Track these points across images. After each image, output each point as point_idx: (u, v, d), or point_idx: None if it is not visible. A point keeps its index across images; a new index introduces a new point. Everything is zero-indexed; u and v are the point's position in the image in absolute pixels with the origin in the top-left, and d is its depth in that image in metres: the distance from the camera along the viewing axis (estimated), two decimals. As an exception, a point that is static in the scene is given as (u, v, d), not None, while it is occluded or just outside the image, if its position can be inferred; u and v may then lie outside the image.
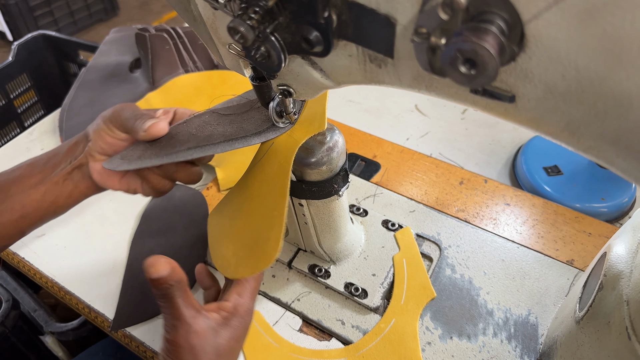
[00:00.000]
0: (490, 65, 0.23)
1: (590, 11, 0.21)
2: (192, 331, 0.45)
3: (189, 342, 0.44)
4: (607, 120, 0.25)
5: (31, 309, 0.81)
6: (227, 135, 0.51)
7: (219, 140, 0.50)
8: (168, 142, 0.53)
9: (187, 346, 0.44)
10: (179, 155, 0.50)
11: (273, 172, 0.50)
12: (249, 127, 0.50)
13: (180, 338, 0.44)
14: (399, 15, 0.27)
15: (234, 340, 0.47)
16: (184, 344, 0.44)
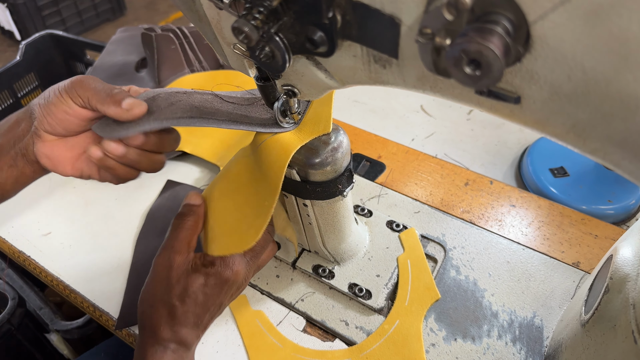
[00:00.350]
0: (495, 66, 0.23)
1: (596, 12, 0.21)
2: (169, 262, 0.50)
3: (164, 270, 0.50)
4: (613, 122, 0.24)
5: (37, 307, 0.81)
6: (232, 116, 0.50)
7: (224, 119, 0.49)
8: (168, 107, 0.50)
9: (162, 274, 0.50)
10: (180, 121, 0.48)
11: (270, 163, 0.49)
12: (254, 115, 0.50)
13: (159, 264, 0.51)
14: (404, 16, 0.27)
15: (207, 287, 0.50)
16: (160, 271, 0.50)
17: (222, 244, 0.52)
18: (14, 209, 0.80)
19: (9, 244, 0.75)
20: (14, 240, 0.75)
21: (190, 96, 0.52)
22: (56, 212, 0.79)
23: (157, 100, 0.51)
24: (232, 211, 0.53)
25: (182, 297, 0.50)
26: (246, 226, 0.50)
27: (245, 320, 0.63)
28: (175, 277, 0.50)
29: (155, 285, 0.51)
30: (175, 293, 0.50)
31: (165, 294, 0.50)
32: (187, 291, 0.50)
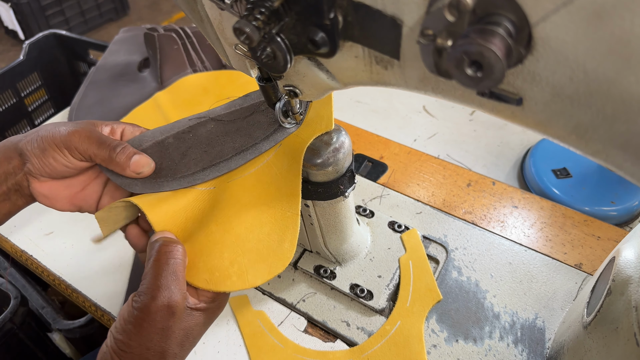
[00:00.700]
0: (496, 68, 0.23)
1: (598, 14, 0.21)
2: (171, 309, 0.41)
3: (163, 317, 0.41)
4: (615, 124, 0.24)
5: (39, 306, 0.81)
6: (238, 147, 0.50)
7: (231, 154, 0.49)
8: (181, 160, 0.50)
9: (160, 321, 0.41)
10: (196, 178, 0.49)
11: (282, 173, 0.49)
12: (257, 133, 0.50)
13: (155, 309, 0.41)
14: (405, 17, 0.27)
15: (204, 327, 0.46)
16: (157, 318, 0.41)
17: (260, 271, 0.46)
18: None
19: (12, 243, 0.76)
20: (17, 240, 0.76)
21: (196, 134, 0.52)
22: (58, 212, 0.79)
23: (168, 149, 0.51)
24: (250, 235, 0.48)
25: (183, 343, 0.43)
26: (277, 242, 0.47)
27: (247, 320, 0.63)
28: (178, 324, 0.42)
29: (150, 336, 0.41)
30: (177, 341, 0.42)
31: (165, 345, 0.42)
32: (189, 335, 0.44)
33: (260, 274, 0.46)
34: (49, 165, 0.47)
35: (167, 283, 0.42)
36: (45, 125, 0.49)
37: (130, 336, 0.41)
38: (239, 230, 0.47)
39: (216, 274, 0.45)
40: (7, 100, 1.12)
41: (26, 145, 0.47)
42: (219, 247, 0.46)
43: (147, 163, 0.49)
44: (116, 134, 0.52)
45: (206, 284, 0.44)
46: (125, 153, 0.48)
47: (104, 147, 0.47)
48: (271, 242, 0.47)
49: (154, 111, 0.88)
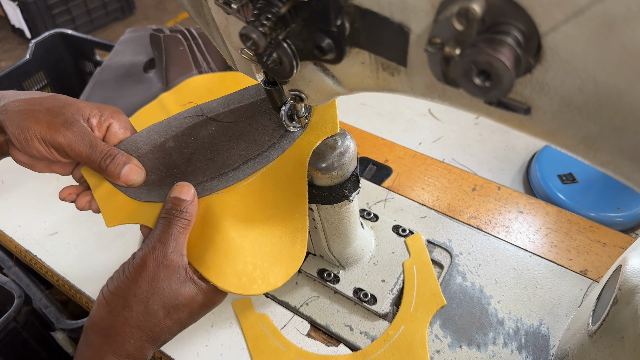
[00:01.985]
0: (505, 78, 0.22)
1: (609, 25, 0.21)
2: (165, 261, 0.42)
3: (156, 267, 0.42)
4: (625, 136, 0.24)
5: (43, 306, 0.81)
6: (244, 155, 0.50)
7: (239, 163, 0.49)
8: (187, 168, 0.50)
9: (152, 271, 0.42)
10: (205, 188, 0.49)
11: (288, 176, 0.49)
12: (263, 139, 0.50)
13: (151, 259, 0.42)
14: (413, 25, 0.27)
15: (195, 303, 0.45)
16: (150, 268, 0.42)
17: (279, 273, 0.47)
18: (21, 208, 0.81)
19: (16, 243, 0.76)
20: (21, 240, 0.76)
21: (197, 137, 0.51)
22: (63, 212, 0.79)
23: (171, 155, 0.51)
24: (265, 239, 0.48)
25: (169, 308, 0.43)
26: (289, 244, 0.47)
27: (250, 323, 0.63)
28: (167, 279, 0.43)
29: (138, 282, 0.42)
30: (163, 300, 0.42)
31: (150, 298, 0.42)
32: (176, 301, 0.43)
33: (279, 275, 0.47)
34: (31, 152, 0.46)
35: (168, 240, 0.44)
36: (31, 105, 0.46)
37: (122, 281, 0.43)
38: (254, 235, 0.48)
39: (243, 279, 0.46)
40: (13, 99, 1.12)
41: (7, 125, 0.45)
42: (242, 252, 0.47)
43: (138, 173, 0.48)
44: (102, 129, 0.49)
45: (236, 289, 0.46)
46: (116, 163, 0.47)
47: (95, 155, 0.46)
48: (284, 244, 0.48)
49: (159, 112, 0.88)
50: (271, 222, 0.49)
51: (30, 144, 0.45)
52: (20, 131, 0.45)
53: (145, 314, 0.42)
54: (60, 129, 0.45)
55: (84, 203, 0.50)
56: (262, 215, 0.49)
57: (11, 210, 0.80)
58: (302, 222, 0.48)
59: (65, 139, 0.45)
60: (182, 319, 0.44)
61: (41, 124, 0.45)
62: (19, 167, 0.86)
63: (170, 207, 0.46)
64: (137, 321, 0.42)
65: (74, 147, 0.45)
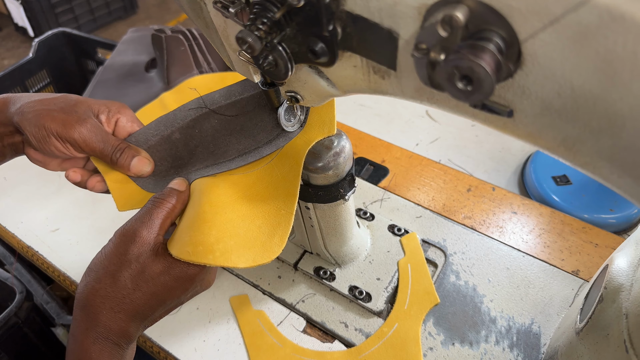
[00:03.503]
0: (485, 82, 0.23)
1: (584, 33, 0.22)
2: (135, 237, 0.44)
3: (126, 242, 0.44)
4: (601, 138, 0.25)
5: (44, 301, 0.83)
6: (241, 149, 0.51)
7: (234, 156, 0.51)
8: (189, 160, 0.53)
9: (122, 246, 0.44)
10: (198, 173, 0.51)
11: (283, 174, 0.50)
12: (260, 135, 0.51)
13: (123, 235, 0.45)
14: (401, 30, 0.28)
15: (168, 276, 0.45)
16: (121, 243, 0.44)
17: (244, 256, 0.47)
18: (23, 205, 0.82)
19: (18, 239, 0.77)
20: (23, 236, 0.77)
21: (201, 129, 0.53)
22: (64, 209, 0.80)
23: (177, 146, 0.53)
24: (241, 222, 0.49)
25: (137, 280, 0.44)
26: (267, 235, 0.48)
27: (247, 319, 0.64)
28: (135, 253, 0.44)
29: (109, 256, 0.44)
30: (130, 272, 0.44)
31: (118, 270, 0.43)
32: (144, 274, 0.44)
33: (243, 258, 0.46)
34: (48, 150, 0.49)
35: (143, 219, 0.45)
36: (45, 105, 0.49)
37: (98, 257, 0.45)
38: (232, 216, 0.48)
39: (200, 247, 0.45)
40: (16, 97, 1.13)
41: (24, 126, 0.48)
42: (207, 224, 0.47)
43: (146, 164, 0.51)
44: (110, 124, 0.52)
45: (188, 256, 0.45)
46: (126, 155, 0.50)
47: (107, 149, 0.49)
48: (260, 234, 0.48)
49: (160, 111, 0.89)
50: (254, 212, 0.49)
51: (48, 141, 0.48)
52: (38, 130, 0.47)
53: (113, 285, 0.43)
54: (75, 125, 0.48)
55: (94, 183, 0.52)
56: (247, 204, 0.50)
57: (13, 207, 0.82)
58: (287, 219, 0.48)
59: (80, 135, 0.48)
60: (155, 291, 0.44)
61: (57, 122, 0.47)
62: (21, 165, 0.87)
63: (159, 195, 0.48)
64: (105, 292, 0.43)
65: (88, 143, 0.48)
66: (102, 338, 0.43)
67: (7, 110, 0.50)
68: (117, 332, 0.43)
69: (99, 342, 0.42)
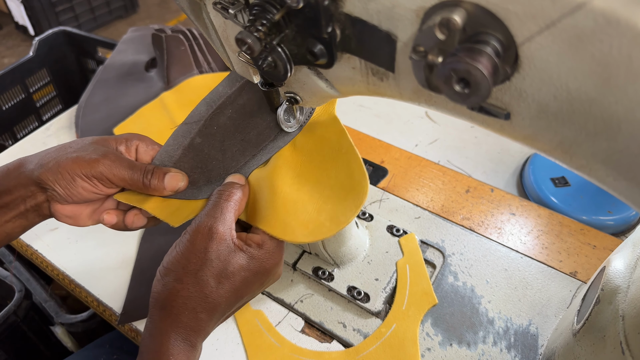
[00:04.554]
0: (482, 85, 0.24)
1: (579, 37, 0.22)
2: (212, 233, 0.44)
3: (204, 240, 0.44)
4: (597, 141, 0.25)
5: (43, 300, 0.83)
6: (273, 125, 0.51)
7: (274, 134, 0.51)
8: (224, 156, 0.52)
9: (200, 244, 0.44)
10: (251, 166, 0.51)
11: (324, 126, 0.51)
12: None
13: (199, 232, 0.44)
14: (400, 33, 0.28)
15: (248, 271, 0.45)
16: (198, 240, 0.44)
17: (346, 208, 0.47)
18: (23, 203, 0.82)
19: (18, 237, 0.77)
20: (23, 234, 0.77)
21: (219, 124, 0.52)
22: (64, 208, 0.80)
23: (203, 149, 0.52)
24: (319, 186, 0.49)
25: (219, 278, 0.43)
26: (348, 180, 0.48)
27: (245, 319, 0.64)
28: (215, 250, 0.43)
29: (187, 255, 0.44)
30: (212, 270, 0.43)
31: (200, 269, 0.43)
32: (226, 271, 0.44)
33: (349, 211, 0.47)
34: (77, 195, 0.48)
35: (214, 214, 0.45)
36: (62, 151, 0.48)
37: (174, 256, 0.44)
38: (309, 185, 0.49)
39: (310, 226, 0.47)
40: (15, 95, 1.14)
41: (47, 177, 0.47)
42: (300, 203, 0.48)
43: (179, 178, 0.50)
44: (131, 152, 0.52)
45: (306, 237, 0.46)
46: (157, 175, 0.49)
47: (136, 175, 0.48)
48: (342, 180, 0.48)
49: (160, 111, 0.89)
50: (321, 168, 0.49)
51: (75, 184, 0.47)
52: (62, 176, 0.46)
53: (196, 284, 0.43)
54: (98, 160, 0.47)
55: (132, 218, 0.51)
56: (310, 165, 0.50)
57: (13, 206, 0.82)
58: (351, 153, 0.48)
59: (106, 167, 0.47)
60: (236, 287, 0.44)
61: (79, 162, 0.47)
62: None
63: (222, 188, 0.48)
64: (188, 292, 0.43)
65: (115, 173, 0.47)
66: (182, 339, 0.42)
67: (24, 170, 0.48)
68: (198, 332, 0.43)
69: (178, 343, 0.42)
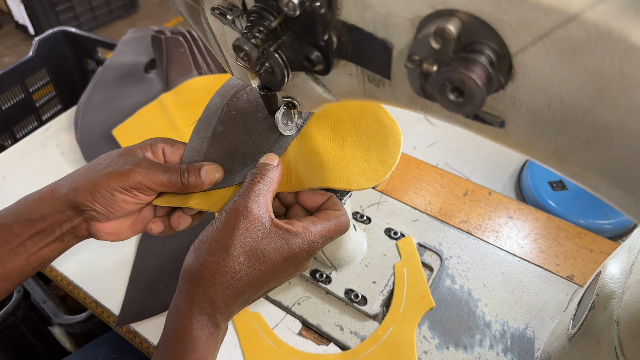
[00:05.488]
0: (476, 95, 0.24)
1: (572, 48, 0.22)
2: (245, 213, 0.44)
3: (237, 218, 0.44)
4: (591, 150, 0.26)
5: (41, 300, 0.83)
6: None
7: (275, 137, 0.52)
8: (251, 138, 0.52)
9: (233, 221, 0.44)
10: (285, 141, 0.51)
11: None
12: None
13: (233, 210, 0.44)
14: (395, 41, 0.28)
15: (278, 254, 0.44)
16: (231, 218, 0.44)
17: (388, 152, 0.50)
18: (22, 204, 0.82)
19: (16, 238, 0.77)
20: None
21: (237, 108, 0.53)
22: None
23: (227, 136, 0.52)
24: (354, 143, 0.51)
25: (249, 256, 0.43)
26: (379, 126, 0.51)
27: (243, 321, 0.64)
28: (248, 228, 0.43)
29: (221, 230, 0.44)
30: (244, 247, 0.43)
31: (231, 244, 0.43)
32: (257, 250, 0.43)
33: (393, 153, 0.50)
34: (118, 210, 0.48)
35: (249, 194, 0.45)
36: (93, 170, 0.48)
37: (209, 230, 0.45)
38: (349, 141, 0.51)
39: (367, 174, 0.49)
40: (15, 95, 1.14)
41: (84, 198, 0.47)
42: (350, 157, 0.50)
43: (214, 169, 0.50)
44: (159, 156, 0.52)
45: (369, 183, 0.49)
46: (193, 172, 0.49)
47: (173, 176, 0.48)
48: (376, 129, 0.51)
49: (159, 112, 0.90)
50: (352, 123, 0.51)
51: (114, 199, 0.47)
52: (100, 194, 0.46)
53: (226, 258, 0.43)
54: (133, 170, 0.47)
55: (177, 221, 0.52)
56: (341, 124, 0.52)
57: (12, 206, 0.82)
58: (374, 105, 0.51)
59: (142, 175, 0.47)
60: (265, 269, 0.44)
61: (114, 176, 0.46)
62: (20, 164, 0.88)
63: (255, 170, 0.48)
64: (217, 265, 0.43)
65: (153, 179, 0.47)
66: (206, 314, 0.42)
67: (57, 196, 0.48)
68: (222, 308, 0.43)
69: (202, 317, 0.42)
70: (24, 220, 0.47)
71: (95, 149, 0.86)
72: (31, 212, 0.48)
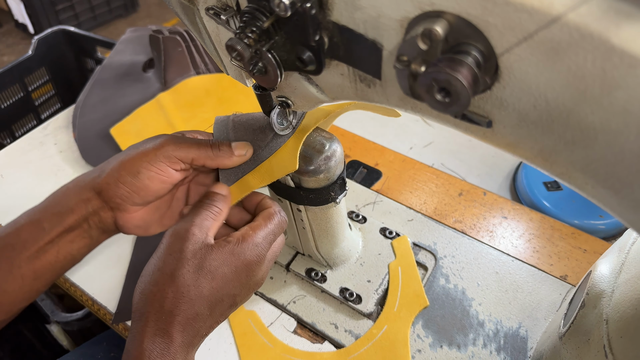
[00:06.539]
0: (462, 95, 0.24)
1: (556, 50, 0.23)
2: (182, 233, 0.43)
3: (176, 238, 0.44)
4: (576, 150, 0.26)
5: (39, 298, 0.83)
6: None
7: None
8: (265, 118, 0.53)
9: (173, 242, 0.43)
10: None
11: None
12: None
13: (171, 232, 0.44)
14: (385, 42, 0.29)
15: (226, 267, 0.44)
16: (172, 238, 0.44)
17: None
18: (19, 204, 0.82)
19: (14, 236, 0.77)
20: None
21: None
22: (60, 207, 0.81)
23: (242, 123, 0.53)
24: None
25: (196, 276, 0.42)
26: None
27: (238, 319, 0.65)
28: (191, 250, 0.42)
29: (164, 258, 0.43)
30: (189, 269, 0.42)
31: (176, 269, 0.42)
32: (204, 268, 0.42)
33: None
34: (143, 189, 0.47)
35: (192, 219, 0.45)
36: (123, 153, 0.48)
37: (150, 262, 0.44)
38: None
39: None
40: (14, 94, 1.14)
41: (109, 181, 0.47)
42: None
43: (243, 145, 0.50)
44: None
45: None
46: (222, 144, 0.49)
47: (203, 145, 0.49)
48: None
49: (157, 111, 0.90)
50: None
51: (139, 177, 0.47)
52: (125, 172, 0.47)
53: (172, 285, 0.42)
54: (162, 144, 0.48)
55: None
56: None
57: (10, 205, 0.82)
58: None
59: (171, 147, 0.47)
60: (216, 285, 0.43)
61: (144, 153, 0.47)
62: (19, 163, 0.88)
63: (203, 199, 0.48)
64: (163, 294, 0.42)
65: (185, 151, 0.48)
66: (159, 350, 0.40)
67: (84, 183, 0.48)
68: (177, 338, 0.41)
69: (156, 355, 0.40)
70: (52, 215, 0.47)
71: (92, 147, 0.87)
72: (59, 204, 0.48)
